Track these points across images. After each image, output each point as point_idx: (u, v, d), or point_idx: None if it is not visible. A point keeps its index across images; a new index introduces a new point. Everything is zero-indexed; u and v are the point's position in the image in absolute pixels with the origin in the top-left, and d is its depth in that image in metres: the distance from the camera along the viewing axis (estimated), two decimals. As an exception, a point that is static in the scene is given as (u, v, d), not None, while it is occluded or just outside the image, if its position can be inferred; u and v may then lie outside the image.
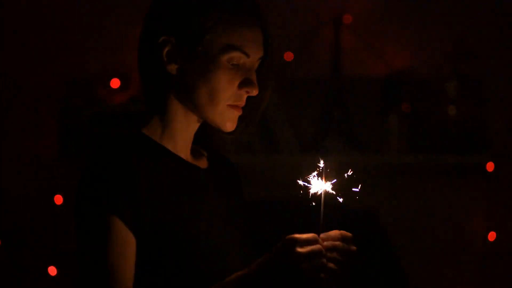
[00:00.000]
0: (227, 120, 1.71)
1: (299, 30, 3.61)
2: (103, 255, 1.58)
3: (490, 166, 3.51)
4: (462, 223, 3.60)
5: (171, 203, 1.66)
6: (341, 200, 1.60)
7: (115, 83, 3.57)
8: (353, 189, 1.61)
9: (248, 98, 1.72)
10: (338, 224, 1.61)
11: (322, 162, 1.60)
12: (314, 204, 1.59)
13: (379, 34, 3.60)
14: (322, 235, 1.58)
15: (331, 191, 1.59)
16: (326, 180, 1.60)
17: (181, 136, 1.74)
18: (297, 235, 1.55)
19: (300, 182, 1.60)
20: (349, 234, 1.59)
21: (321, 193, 1.60)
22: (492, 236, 3.55)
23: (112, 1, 3.61)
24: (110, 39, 3.57)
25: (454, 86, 3.51)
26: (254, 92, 1.70)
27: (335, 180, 1.60)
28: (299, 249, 1.53)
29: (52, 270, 3.52)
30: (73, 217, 1.64)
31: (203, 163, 1.79)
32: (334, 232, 1.58)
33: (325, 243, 1.56)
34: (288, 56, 3.58)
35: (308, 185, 1.60)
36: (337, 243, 1.57)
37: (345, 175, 1.60)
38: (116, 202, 1.59)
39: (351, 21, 3.58)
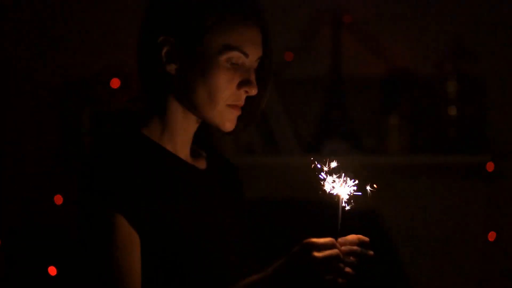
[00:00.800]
0: (226, 120, 1.70)
1: (299, 30, 3.60)
2: (108, 253, 1.58)
3: (490, 166, 3.51)
4: (462, 223, 3.59)
5: (170, 204, 1.65)
6: (348, 206, 1.59)
7: (115, 83, 3.56)
8: (369, 188, 1.61)
9: (247, 98, 1.72)
10: (338, 224, 1.60)
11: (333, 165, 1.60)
12: (330, 206, 1.58)
13: (379, 34, 3.60)
14: (340, 240, 1.57)
15: (349, 194, 1.59)
16: (344, 185, 1.60)
17: (180, 136, 1.74)
18: (314, 239, 1.54)
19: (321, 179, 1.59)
20: (366, 238, 1.58)
21: (338, 198, 1.59)
22: (492, 236, 3.55)
23: (112, 1, 3.61)
24: (110, 39, 3.57)
25: (454, 86, 3.51)
26: (253, 92, 1.70)
27: (355, 183, 1.60)
28: (316, 254, 1.53)
29: (52, 270, 3.52)
30: (74, 217, 1.64)
31: (202, 164, 1.79)
32: (352, 237, 1.58)
33: (342, 247, 1.56)
34: (288, 56, 3.58)
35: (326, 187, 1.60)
36: (355, 248, 1.57)
37: (368, 189, 1.60)
38: (119, 201, 1.59)
39: (351, 21, 3.58)
